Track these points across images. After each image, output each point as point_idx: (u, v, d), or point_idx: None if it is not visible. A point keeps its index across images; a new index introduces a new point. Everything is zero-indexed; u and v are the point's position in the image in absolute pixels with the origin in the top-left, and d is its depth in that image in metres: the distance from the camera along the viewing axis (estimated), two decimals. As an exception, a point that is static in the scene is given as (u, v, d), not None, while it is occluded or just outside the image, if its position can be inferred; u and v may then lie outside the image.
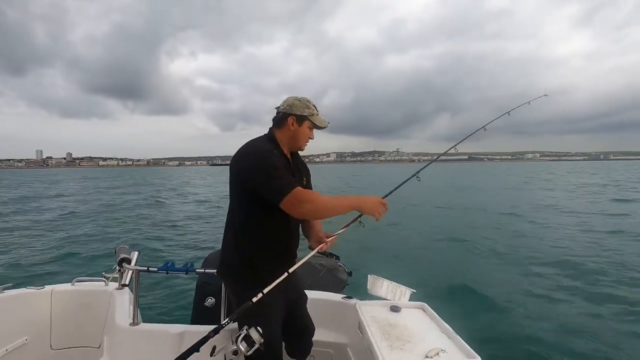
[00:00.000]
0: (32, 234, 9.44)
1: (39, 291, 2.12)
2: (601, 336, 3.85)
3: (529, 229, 10.22)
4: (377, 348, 1.44)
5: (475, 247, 8.05)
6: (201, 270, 1.91)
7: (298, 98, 1.62)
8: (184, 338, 1.80)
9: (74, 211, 13.85)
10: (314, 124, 1.63)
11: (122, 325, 1.87)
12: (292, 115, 1.59)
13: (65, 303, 2.17)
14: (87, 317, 2.17)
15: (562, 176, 41.19)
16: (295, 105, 1.59)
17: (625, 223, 10.69)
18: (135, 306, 1.89)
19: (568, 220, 11.43)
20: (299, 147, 1.66)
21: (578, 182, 30.64)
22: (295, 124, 1.60)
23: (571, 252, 7.53)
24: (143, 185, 28.82)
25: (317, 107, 1.64)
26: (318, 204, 1.44)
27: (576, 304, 4.83)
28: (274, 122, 1.64)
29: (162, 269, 1.84)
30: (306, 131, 1.63)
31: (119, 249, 2.09)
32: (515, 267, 6.71)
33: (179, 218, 12.41)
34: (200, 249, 7.76)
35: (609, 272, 6.02)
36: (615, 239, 8.69)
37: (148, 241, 8.54)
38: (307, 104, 1.61)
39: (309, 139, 1.66)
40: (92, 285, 2.26)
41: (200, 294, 2.20)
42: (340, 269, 2.63)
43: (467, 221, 11.84)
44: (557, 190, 22.55)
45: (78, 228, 10.30)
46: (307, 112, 1.60)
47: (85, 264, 6.72)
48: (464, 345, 1.46)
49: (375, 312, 1.79)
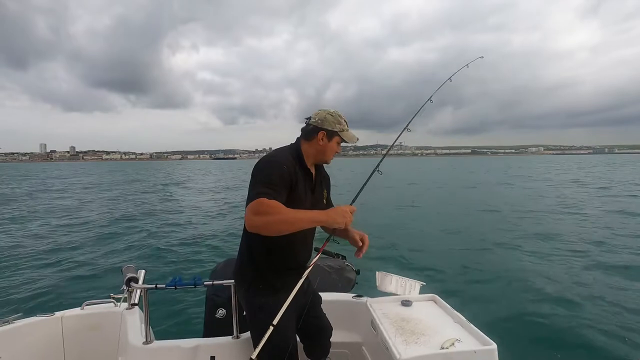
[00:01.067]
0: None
1: (49, 318, 2.11)
2: (621, 323, 3.79)
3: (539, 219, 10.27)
4: (392, 344, 1.44)
5: (480, 235, 8.07)
6: (209, 282, 1.91)
7: (330, 112, 1.60)
8: (198, 351, 1.80)
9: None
10: (343, 140, 1.63)
11: (135, 344, 1.87)
12: (323, 129, 1.58)
13: (77, 328, 2.16)
14: (99, 340, 2.17)
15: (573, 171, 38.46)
16: (327, 120, 1.58)
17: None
18: (147, 324, 1.89)
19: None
20: (325, 161, 1.66)
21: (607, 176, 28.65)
22: (325, 139, 1.59)
23: (590, 238, 7.57)
24: (162, 185, 26.69)
25: (347, 122, 1.63)
26: (274, 217, 1.30)
27: (592, 289, 4.83)
28: (303, 133, 1.63)
29: (170, 285, 1.84)
30: (334, 146, 1.62)
31: (125, 268, 2.08)
32: (523, 251, 6.73)
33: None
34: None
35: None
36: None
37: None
38: (338, 119, 1.59)
39: (336, 152, 1.66)
40: (102, 308, 2.25)
41: (210, 306, 2.19)
42: (347, 268, 2.63)
43: (471, 212, 11.87)
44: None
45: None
46: (337, 127, 1.59)
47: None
48: (479, 333, 1.46)
49: (386, 309, 1.79)
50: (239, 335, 1.85)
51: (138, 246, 8.51)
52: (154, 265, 7.05)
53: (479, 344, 1.41)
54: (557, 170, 39.87)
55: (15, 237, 9.41)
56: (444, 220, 10.44)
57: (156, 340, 1.90)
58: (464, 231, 8.70)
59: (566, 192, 17.10)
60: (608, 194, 16.39)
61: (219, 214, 12.97)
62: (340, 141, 1.63)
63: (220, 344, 1.85)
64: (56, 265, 7.09)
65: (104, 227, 10.53)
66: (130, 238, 9.32)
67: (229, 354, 1.81)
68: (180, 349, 1.81)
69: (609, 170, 37.48)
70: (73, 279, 6.35)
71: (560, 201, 13.83)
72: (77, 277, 6.51)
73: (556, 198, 14.86)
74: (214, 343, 1.86)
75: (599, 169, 41.11)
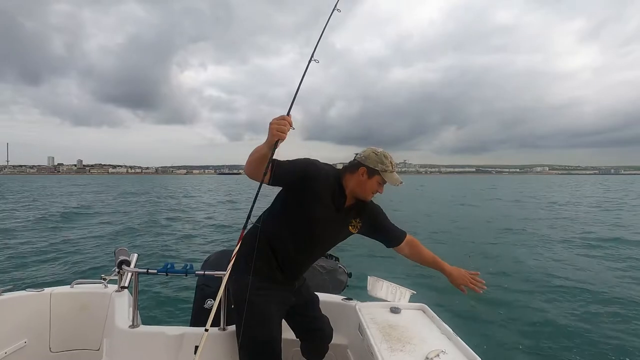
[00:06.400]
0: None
1: (38, 294, 2.11)
2: (600, 342, 3.81)
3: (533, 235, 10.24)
4: (377, 350, 1.43)
5: (476, 247, 8.05)
6: (201, 272, 1.91)
7: (376, 151, 1.62)
8: (184, 340, 1.79)
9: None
10: (384, 180, 1.62)
11: (121, 327, 1.86)
12: (364, 166, 1.60)
13: (65, 305, 2.16)
14: (86, 319, 2.17)
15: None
16: (370, 158, 1.60)
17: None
18: (135, 308, 1.88)
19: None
20: (363, 197, 1.66)
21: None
22: (365, 175, 1.60)
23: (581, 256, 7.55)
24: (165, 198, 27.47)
25: (394, 164, 1.63)
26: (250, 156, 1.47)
27: (581, 308, 4.81)
28: (348, 166, 1.66)
29: (161, 271, 1.84)
30: (374, 185, 1.62)
31: (118, 251, 2.08)
32: (516, 267, 6.71)
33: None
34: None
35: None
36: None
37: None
38: (382, 159, 1.60)
39: (377, 192, 1.65)
40: (92, 288, 2.25)
41: (199, 295, 2.19)
42: (340, 270, 2.62)
43: (467, 224, 11.86)
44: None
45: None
46: (379, 167, 1.59)
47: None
48: (465, 346, 1.46)
49: (375, 314, 1.79)
50: (226, 327, 1.85)
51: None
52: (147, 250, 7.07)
53: (463, 358, 1.40)
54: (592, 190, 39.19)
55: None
56: (447, 231, 10.39)
57: (142, 325, 1.90)
58: (473, 248, 8.53)
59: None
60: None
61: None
62: (382, 181, 1.62)
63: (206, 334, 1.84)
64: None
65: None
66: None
67: (213, 345, 1.80)
68: (165, 336, 1.81)
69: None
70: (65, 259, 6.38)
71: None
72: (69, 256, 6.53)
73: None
74: (200, 333, 1.85)
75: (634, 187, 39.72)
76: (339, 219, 1.64)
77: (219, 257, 2.31)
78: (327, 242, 1.70)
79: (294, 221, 1.57)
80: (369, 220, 1.74)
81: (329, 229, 1.63)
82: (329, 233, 1.65)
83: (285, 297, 1.66)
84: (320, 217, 1.57)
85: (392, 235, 1.79)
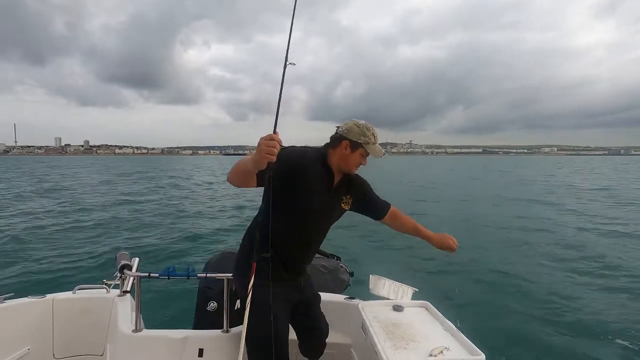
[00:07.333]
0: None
1: (40, 300, 2.11)
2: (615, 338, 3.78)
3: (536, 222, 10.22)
4: (381, 348, 1.44)
5: (480, 242, 8.04)
6: (203, 274, 1.91)
7: (358, 124, 1.60)
8: (187, 343, 1.80)
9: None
10: (367, 152, 1.63)
11: (124, 332, 1.87)
12: (347, 139, 1.59)
13: (67, 311, 2.16)
14: (89, 324, 2.17)
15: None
16: (352, 131, 1.59)
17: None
18: (138, 312, 1.89)
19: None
20: (348, 170, 1.66)
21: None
22: (348, 149, 1.59)
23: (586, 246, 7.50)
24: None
25: (375, 135, 1.62)
26: (231, 170, 1.46)
27: (586, 300, 4.80)
28: (330, 140, 1.65)
29: (163, 274, 1.84)
30: (357, 158, 1.62)
31: (119, 255, 2.08)
32: (520, 263, 6.71)
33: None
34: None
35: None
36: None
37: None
38: (364, 132, 1.59)
39: (361, 164, 1.66)
40: (94, 293, 2.25)
41: (202, 298, 2.19)
42: (341, 269, 2.62)
43: (472, 217, 11.81)
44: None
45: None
46: (362, 139, 1.58)
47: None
48: (468, 342, 1.46)
49: (378, 312, 1.79)
50: (229, 329, 1.85)
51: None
52: (147, 254, 7.06)
53: (467, 354, 1.41)
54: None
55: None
56: (456, 227, 10.29)
57: (146, 329, 1.90)
58: (473, 242, 8.47)
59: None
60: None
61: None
62: (365, 154, 1.62)
63: (209, 337, 1.85)
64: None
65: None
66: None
67: (217, 347, 1.81)
68: (168, 340, 1.81)
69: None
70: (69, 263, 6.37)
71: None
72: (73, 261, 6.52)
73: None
74: (203, 335, 1.86)
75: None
76: (330, 198, 1.65)
77: (220, 259, 2.32)
78: (324, 225, 1.71)
79: (291, 214, 1.56)
80: (358, 195, 1.76)
81: (324, 211, 1.64)
82: (325, 215, 1.67)
83: (290, 295, 1.66)
84: (315, 205, 1.58)
85: (379, 207, 1.84)
